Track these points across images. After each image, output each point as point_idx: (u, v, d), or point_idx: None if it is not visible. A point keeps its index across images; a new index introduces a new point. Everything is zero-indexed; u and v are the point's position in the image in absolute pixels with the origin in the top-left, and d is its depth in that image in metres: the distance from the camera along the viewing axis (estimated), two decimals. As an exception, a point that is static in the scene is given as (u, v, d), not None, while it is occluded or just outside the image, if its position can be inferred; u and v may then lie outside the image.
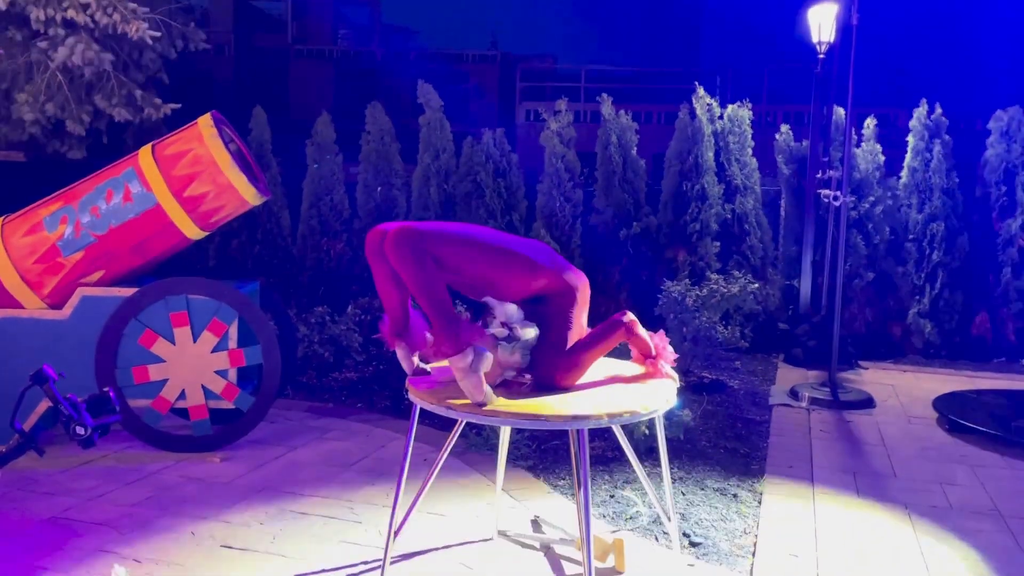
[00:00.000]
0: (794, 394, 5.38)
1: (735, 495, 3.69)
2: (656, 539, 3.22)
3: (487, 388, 2.35)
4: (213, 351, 3.95)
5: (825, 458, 4.23)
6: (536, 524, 3.29)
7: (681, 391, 5.16)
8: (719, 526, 3.35)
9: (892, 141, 7.24)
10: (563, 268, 2.61)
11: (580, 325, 2.62)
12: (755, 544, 3.20)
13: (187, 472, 3.77)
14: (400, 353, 2.69)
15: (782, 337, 6.78)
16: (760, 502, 3.62)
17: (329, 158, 7.01)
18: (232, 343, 3.97)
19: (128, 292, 3.93)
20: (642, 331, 2.69)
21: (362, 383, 5.37)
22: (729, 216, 6.92)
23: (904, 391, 5.63)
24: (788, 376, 6.01)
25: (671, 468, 3.95)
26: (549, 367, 2.54)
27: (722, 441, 4.43)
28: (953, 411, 4.78)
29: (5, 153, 5.94)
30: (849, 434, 4.67)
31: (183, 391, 3.96)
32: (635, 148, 6.95)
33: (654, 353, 2.69)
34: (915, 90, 7.37)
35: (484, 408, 2.33)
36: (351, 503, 3.47)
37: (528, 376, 2.56)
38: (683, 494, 3.66)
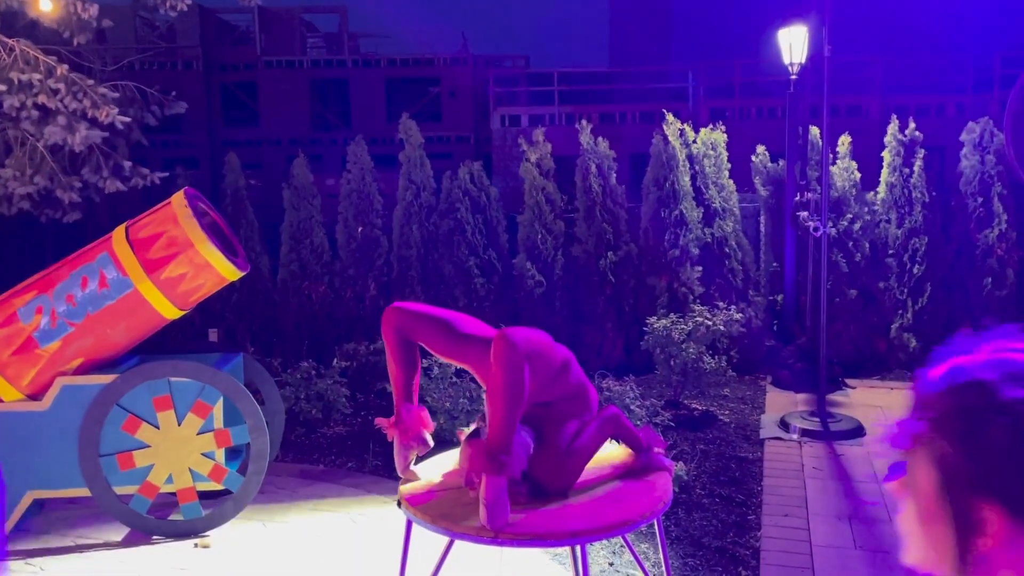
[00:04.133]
0: (784, 425, 5.39)
1: (733, 555, 3.68)
2: (657, 613, 3.21)
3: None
4: (199, 433, 3.89)
5: (820, 502, 4.23)
6: (536, 605, 3.26)
7: (673, 431, 5.20)
8: (720, 596, 3.35)
9: (864, 156, 7.26)
10: (583, 381, 2.60)
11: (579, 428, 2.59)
12: (756, 613, 3.20)
13: (177, 562, 3.70)
14: (397, 445, 2.64)
15: (768, 355, 6.80)
16: (759, 561, 3.62)
17: (307, 201, 6.94)
18: (218, 423, 3.91)
19: (108, 379, 3.85)
20: (628, 423, 2.66)
21: (351, 438, 5.32)
22: (709, 240, 6.92)
23: (894, 414, 5.64)
24: (777, 401, 6.03)
25: (667, 527, 3.94)
26: (547, 472, 2.50)
27: (717, 488, 4.43)
28: (943, 440, 4.80)
29: None
30: (842, 471, 4.68)
31: (170, 475, 3.90)
32: (614, 175, 6.94)
33: (645, 445, 2.67)
34: (885, 105, 7.39)
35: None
36: (348, 589, 3.43)
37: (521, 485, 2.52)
38: (681, 557, 3.65)
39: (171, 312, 3.96)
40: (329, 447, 5.23)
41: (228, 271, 3.94)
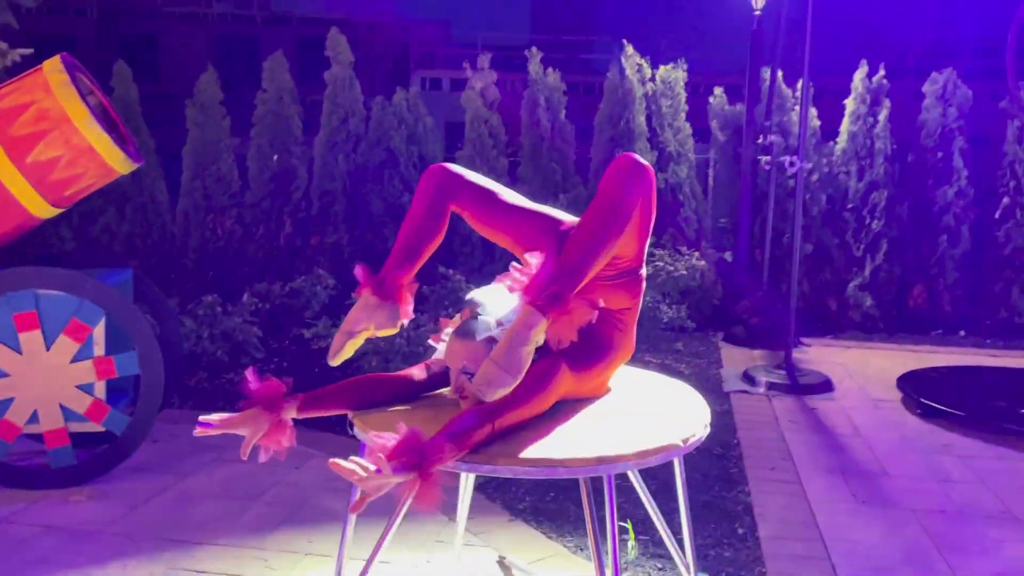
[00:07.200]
0: (749, 379, 4.94)
1: (725, 509, 3.17)
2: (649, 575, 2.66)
3: None
4: (73, 360, 3.10)
5: (805, 456, 3.77)
6: (504, 567, 2.65)
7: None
8: (721, 556, 2.82)
9: (821, 104, 6.90)
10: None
11: None
12: None
13: (44, 519, 2.92)
14: (359, 305, 1.96)
15: (716, 313, 6.37)
16: (753, 516, 3.11)
17: (215, 121, 6.06)
18: (99, 349, 3.13)
19: (-47, 288, 3.01)
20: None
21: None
22: (663, 186, 6.42)
23: (857, 370, 5.30)
24: (734, 357, 5.59)
25: (647, 484, 3.39)
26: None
27: (689, 440, 3.92)
28: (923, 393, 4.44)
29: None
30: (820, 424, 4.25)
31: (35, 412, 3.09)
32: (564, 111, 6.34)
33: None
34: (848, 52, 7.06)
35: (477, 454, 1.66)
36: (262, 551, 2.74)
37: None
38: (666, 512, 3.10)
39: (41, 208, 3.14)
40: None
41: (115, 159, 3.14)
